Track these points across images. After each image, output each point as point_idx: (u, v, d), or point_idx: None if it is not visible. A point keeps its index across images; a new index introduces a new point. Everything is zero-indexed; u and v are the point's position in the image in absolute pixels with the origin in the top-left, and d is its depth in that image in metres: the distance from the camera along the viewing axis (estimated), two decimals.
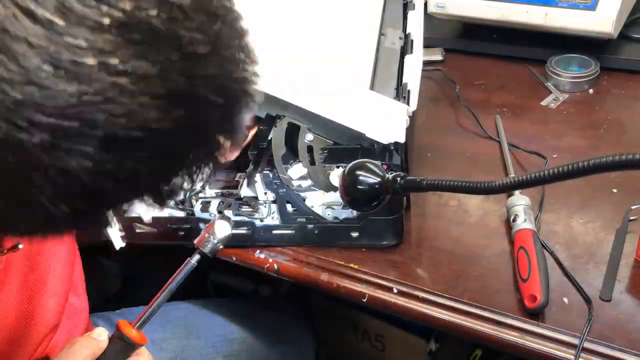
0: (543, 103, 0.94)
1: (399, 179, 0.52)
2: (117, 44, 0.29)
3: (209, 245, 0.59)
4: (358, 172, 0.55)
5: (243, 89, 0.36)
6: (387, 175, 0.54)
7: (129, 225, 0.75)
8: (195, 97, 0.33)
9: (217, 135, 0.37)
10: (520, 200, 0.71)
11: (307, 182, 0.67)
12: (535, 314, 0.61)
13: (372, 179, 0.54)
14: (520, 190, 0.73)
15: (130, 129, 0.30)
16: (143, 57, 0.30)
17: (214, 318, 0.91)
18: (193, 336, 0.87)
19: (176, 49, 0.31)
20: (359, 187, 0.55)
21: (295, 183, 0.67)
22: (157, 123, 0.31)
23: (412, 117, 0.67)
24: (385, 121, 0.64)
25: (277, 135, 0.65)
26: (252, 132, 0.70)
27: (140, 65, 0.30)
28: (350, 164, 0.56)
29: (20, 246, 0.60)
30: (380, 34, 0.81)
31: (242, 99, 0.37)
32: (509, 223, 0.71)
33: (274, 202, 0.70)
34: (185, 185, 0.38)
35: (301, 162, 0.65)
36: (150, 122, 0.31)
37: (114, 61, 0.29)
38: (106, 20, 0.28)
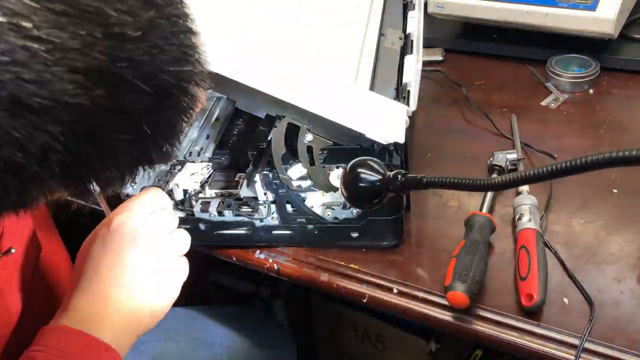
0: (543, 103, 0.94)
1: (399, 176, 0.52)
2: (33, 9, 0.28)
3: None
4: (360, 169, 0.55)
5: (179, 84, 0.35)
6: (388, 173, 0.54)
7: None
8: (118, 78, 0.32)
9: (143, 126, 0.35)
10: (526, 200, 0.70)
11: (306, 183, 0.67)
12: (536, 314, 0.61)
13: (373, 176, 0.54)
14: (528, 190, 0.73)
15: (41, 98, 0.29)
16: (62, 27, 0.29)
17: (193, 322, 0.91)
18: (172, 339, 0.86)
19: (101, 26, 0.30)
20: (360, 184, 0.55)
21: (295, 183, 0.67)
22: (72, 98, 0.30)
23: (412, 117, 0.67)
24: (385, 121, 0.64)
25: (276, 135, 0.65)
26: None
27: (58, 35, 0.29)
28: (352, 161, 0.56)
29: (13, 250, 0.60)
30: (380, 34, 0.81)
31: (177, 96, 0.36)
32: (513, 222, 0.71)
33: (273, 202, 0.70)
34: (120, 181, 0.37)
35: (301, 162, 0.65)
36: (64, 94, 0.30)
37: (27, 24, 0.28)
38: None
